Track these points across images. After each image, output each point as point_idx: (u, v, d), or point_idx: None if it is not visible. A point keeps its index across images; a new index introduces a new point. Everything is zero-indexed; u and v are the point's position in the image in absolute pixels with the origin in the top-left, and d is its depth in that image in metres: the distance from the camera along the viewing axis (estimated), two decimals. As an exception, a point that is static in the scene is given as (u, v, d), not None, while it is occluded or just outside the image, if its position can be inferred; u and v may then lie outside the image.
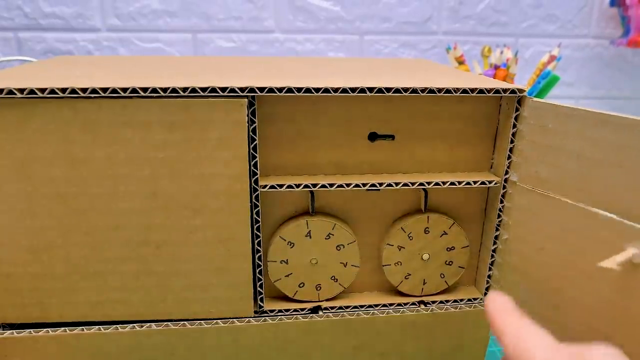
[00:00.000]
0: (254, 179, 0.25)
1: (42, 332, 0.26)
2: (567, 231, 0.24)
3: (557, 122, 0.23)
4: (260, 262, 0.27)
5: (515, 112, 0.25)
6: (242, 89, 0.23)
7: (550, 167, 0.24)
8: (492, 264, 0.29)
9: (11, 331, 0.26)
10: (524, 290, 0.27)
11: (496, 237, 0.28)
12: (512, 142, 0.26)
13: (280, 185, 0.25)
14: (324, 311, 0.28)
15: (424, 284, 0.29)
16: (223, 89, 0.23)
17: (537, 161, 0.25)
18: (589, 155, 0.22)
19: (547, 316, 0.26)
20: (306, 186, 0.25)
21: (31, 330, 0.26)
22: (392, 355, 0.29)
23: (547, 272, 0.25)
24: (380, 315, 0.28)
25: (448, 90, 0.25)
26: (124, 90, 0.22)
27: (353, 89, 0.24)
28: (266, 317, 0.28)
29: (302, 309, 0.28)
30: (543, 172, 0.24)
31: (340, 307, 0.28)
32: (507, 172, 0.27)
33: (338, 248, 0.27)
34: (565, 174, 0.23)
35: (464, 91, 0.25)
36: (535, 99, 0.24)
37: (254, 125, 0.24)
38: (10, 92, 0.22)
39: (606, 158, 0.21)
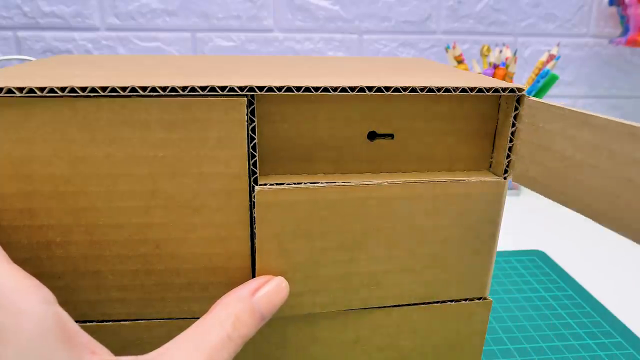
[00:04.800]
0: (253, 177, 0.25)
1: None
2: None
3: (547, 122, 0.23)
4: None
5: (515, 111, 0.25)
6: (241, 88, 0.23)
7: (538, 166, 0.24)
8: (491, 262, 0.29)
9: None
10: None
11: (495, 236, 0.28)
12: (511, 141, 0.26)
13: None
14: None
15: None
16: (222, 88, 0.23)
17: (528, 160, 0.25)
18: (569, 155, 0.22)
19: None
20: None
21: None
22: (389, 349, 0.30)
23: None
24: (378, 309, 0.28)
25: (447, 89, 0.25)
26: (123, 89, 0.22)
27: (352, 88, 0.24)
28: None
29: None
30: (532, 171, 0.24)
31: None
32: (506, 171, 0.27)
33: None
34: (548, 173, 0.23)
35: (463, 90, 0.25)
36: (532, 97, 0.24)
37: (254, 124, 0.24)
38: (9, 91, 0.22)
39: (584, 159, 0.21)
